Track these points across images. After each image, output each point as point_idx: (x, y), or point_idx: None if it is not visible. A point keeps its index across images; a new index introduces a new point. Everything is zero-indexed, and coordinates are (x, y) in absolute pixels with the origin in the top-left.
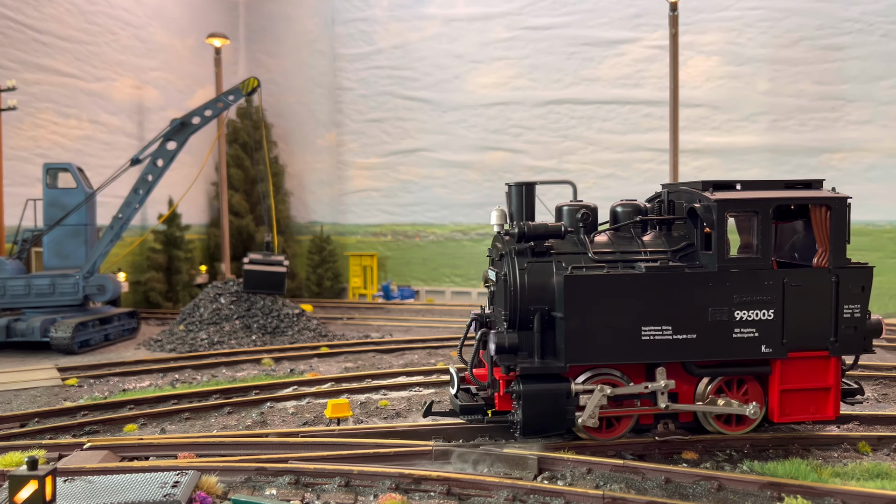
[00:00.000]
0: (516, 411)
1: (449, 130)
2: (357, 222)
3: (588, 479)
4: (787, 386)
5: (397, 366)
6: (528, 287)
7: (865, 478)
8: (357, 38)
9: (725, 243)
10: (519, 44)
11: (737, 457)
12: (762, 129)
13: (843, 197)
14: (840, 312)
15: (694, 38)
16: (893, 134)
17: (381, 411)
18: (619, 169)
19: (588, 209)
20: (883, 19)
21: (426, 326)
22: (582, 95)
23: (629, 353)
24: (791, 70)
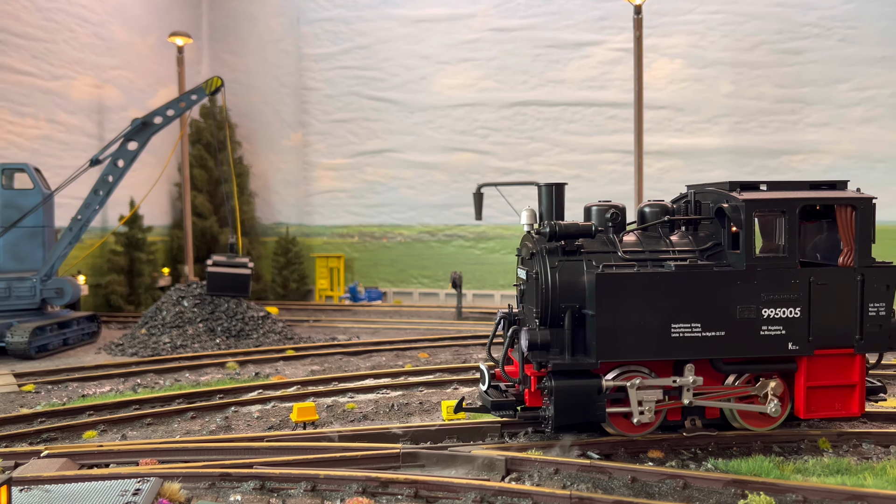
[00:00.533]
0: (548, 407)
1: (416, 131)
2: (323, 223)
3: (555, 480)
4: (813, 383)
5: (365, 368)
6: (560, 285)
7: (826, 473)
8: (323, 38)
9: (753, 243)
10: (485, 45)
11: (701, 455)
12: (724, 130)
13: (869, 197)
14: (865, 310)
15: (658, 41)
16: (850, 136)
17: (349, 414)
18: (585, 170)
19: (617, 209)
20: (840, 24)
21: (394, 328)
22: (548, 97)
23: (659, 349)
24: (752, 73)
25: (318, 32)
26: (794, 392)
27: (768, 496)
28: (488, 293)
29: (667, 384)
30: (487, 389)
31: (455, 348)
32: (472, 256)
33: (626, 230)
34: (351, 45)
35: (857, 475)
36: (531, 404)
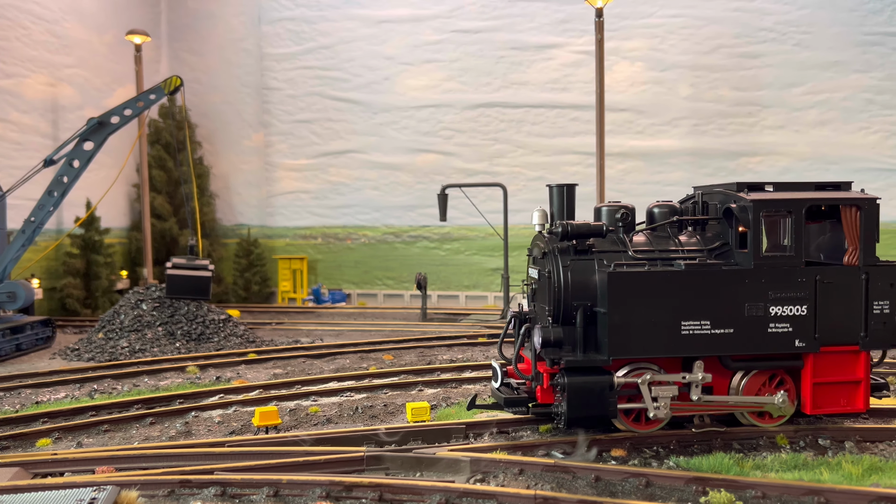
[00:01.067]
0: (560, 403)
1: (380, 132)
2: (286, 225)
3: (520, 480)
4: (819, 379)
5: (328, 371)
6: (572, 284)
7: (784, 469)
8: (285, 38)
9: (761, 242)
10: (449, 47)
11: (663, 453)
12: (684, 133)
13: (873, 198)
14: (870, 308)
15: (619, 43)
16: (805, 139)
17: (312, 418)
18: (548, 172)
19: (627, 209)
20: (794, 29)
21: (358, 330)
22: (511, 99)
23: (670, 346)
24: (711, 76)
25: (279, 32)
26: (801, 389)
27: (729, 493)
28: (453, 294)
29: (676, 380)
30: (500, 387)
31: (420, 350)
32: (437, 258)
33: (635, 230)
34: (313, 45)
35: (813, 470)
36: (543, 401)
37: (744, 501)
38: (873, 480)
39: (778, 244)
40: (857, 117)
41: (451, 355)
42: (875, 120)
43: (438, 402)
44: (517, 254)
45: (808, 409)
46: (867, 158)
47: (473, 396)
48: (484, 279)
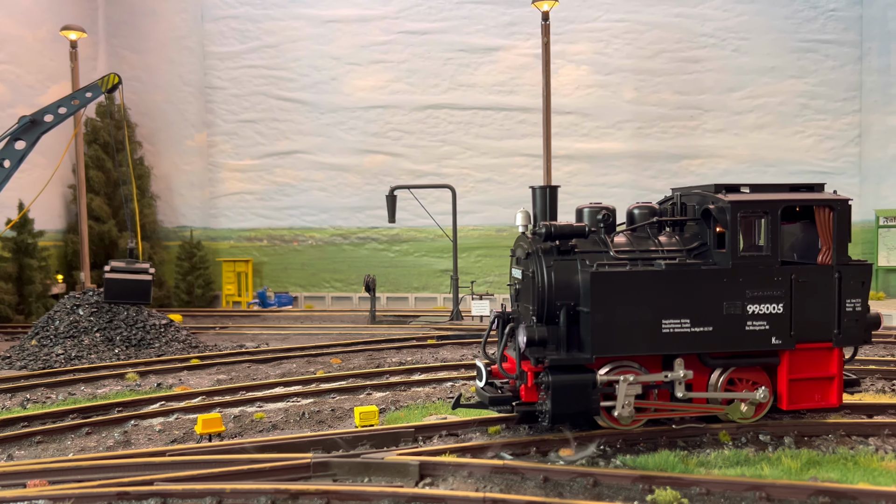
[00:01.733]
0: (545, 401)
1: (327, 132)
2: (230, 227)
3: (469, 483)
4: (794, 375)
5: (274, 376)
6: (555, 284)
7: (727, 465)
8: (229, 36)
9: (738, 242)
10: (396, 48)
11: (610, 452)
12: (628, 136)
13: (846, 199)
14: (843, 306)
15: (565, 47)
16: (744, 142)
17: (257, 424)
18: (496, 174)
19: (608, 210)
20: (733, 35)
21: (305, 334)
22: (459, 101)
23: (651, 345)
24: (654, 80)
25: (223, 30)
26: (777, 385)
27: (674, 490)
28: (402, 296)
29: (658, 379)
30: (484, 386)
31: (369, 352)
32: (386, 259)
33: (616, 231)
34: (258, 44)
35: (755, 466)
36: (527, 399)
37: (689, 498)
38: (811, 474)
39: (754, 244)
40: (792, 121)
41: (401, 358)
42: (809, 124)
43: (387, 406)
44: (466, 255)
45: (784, 404)
46: (802, 161)
47: (458, 395)
48: (433, 281)
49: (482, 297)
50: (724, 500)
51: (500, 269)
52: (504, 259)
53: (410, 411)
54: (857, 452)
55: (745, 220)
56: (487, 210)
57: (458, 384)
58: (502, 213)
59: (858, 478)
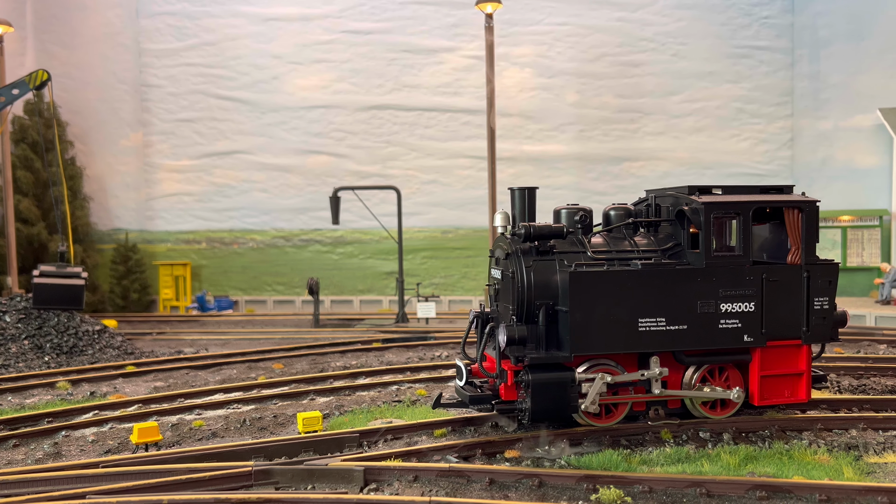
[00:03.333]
0: (524, 399)
1: (268, 132)
2: (167, 229)
3: (415, 487)
4: (765, 372)
5: (214, 382)
6: (535, 283)
7: (668, 463)
8: (165, 33)
9: (712, 242)
10: (339, 47)
11: (555, 451)
12: (571, 138)
13: (814, 200)
14: (811, 304)
15: (508, 49)
16: (684, 144)
17: (196, 432)
18: (442, 175)
19: (585, 212)
20: (672, 40)
21: (246, 339)
22: (404, 102)
23: (628, 343)
24: (596, 84)
25: (159, 27)
26: (749, 381)
27: (618, 489)
28: (347, 299)
29: (634, 378)
30: (464, 385)
31: (312, 357)
32: (330, 262)
33: (593, 232)
34: (196, 42)
35: (695, 462)
36: (507, 398)
37: (632, 497)
38: (749, 469)
39: (726, 245)
40: (729, 125)
41: (345, 362)
42: (745, 128)
43: (331, 411)
44: (412, 257)
45: (755, 400)
46: (738, 164)
47: (439, 395)
48: (378, 283)
49: (428, 299)
50: (666, 498)
51: (447, 271)
52: (449, 261)
53: (355, 416)
54: (791, 447)
55: (718, 221)
56: (433, 212)
57: (404, 387)
58: (448, 215)
59: (793, 471)
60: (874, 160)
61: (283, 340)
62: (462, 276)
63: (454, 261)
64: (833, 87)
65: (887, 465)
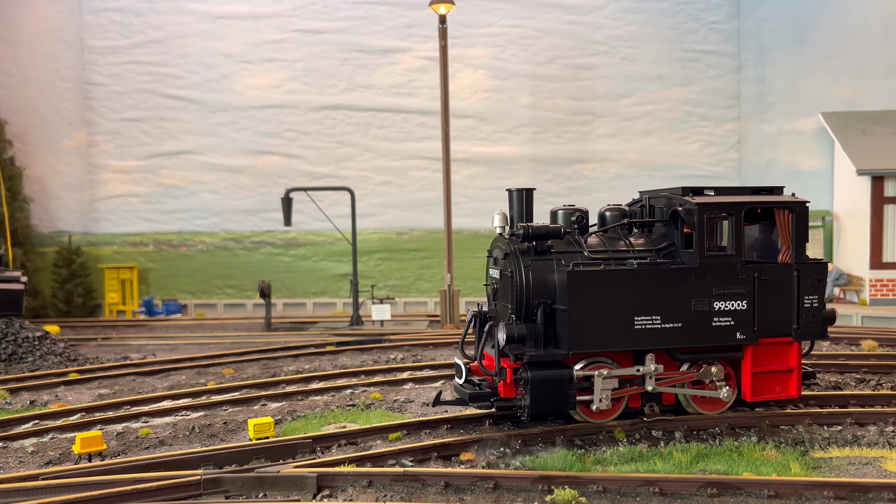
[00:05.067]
0: (524, 397)
1: (218, 132)
2: (113, 231)
3: (369, 493)
4: (757, 369)
5: (161, 389)
6: (533, 283)
7: (622, 462)
8: (110, 30)
9: (705, 242)
10: (291, 46)
11: (510, 453)
12: (524, 140)
13: (804, 201)
14: (801, 302)
15: (462, 51)
16: (634, 147)
17: (143, 441)
18: (396, 176)
19: (582, 212)
20: (623, 44)
21: (195, 343)
22: (357, 102)
23: (624, 340)
24: (549, 86)
25: (104, 23)
26: (741, 378)
27: (572, 489)
28: (300, 302)
29: (630, 373)
30: (463, 383)
31: (264, 361)
32: (282, 264)
33: (589, 232)
34: (143, 39)
35: (648, 461)
36: (505, 395)
37: (586, 497)
38: (701, 467)
39: (718, 244)
40: (678, 128)
41: (298, 366)
42: (694, 130)
43: (283, 416)
44: (366, 259)
45: (748, 396)
46: (687, 166)
47: (438, 393)
48: (332, 285)
49: (383, 301)
50: (620, 497)
51: (402, 273)
52: (404, 262)
53: (308, 421)
54: (741, 444)
55: (711, 222)
56: (388, 213)
57: (359, 391)
58: (403, 216)
59: (743, 468)
60: (817, 163)
61: (233, 345)
62: (417, 278)
63: (409, 262)
64: (777, 91)
65: (832, 459)
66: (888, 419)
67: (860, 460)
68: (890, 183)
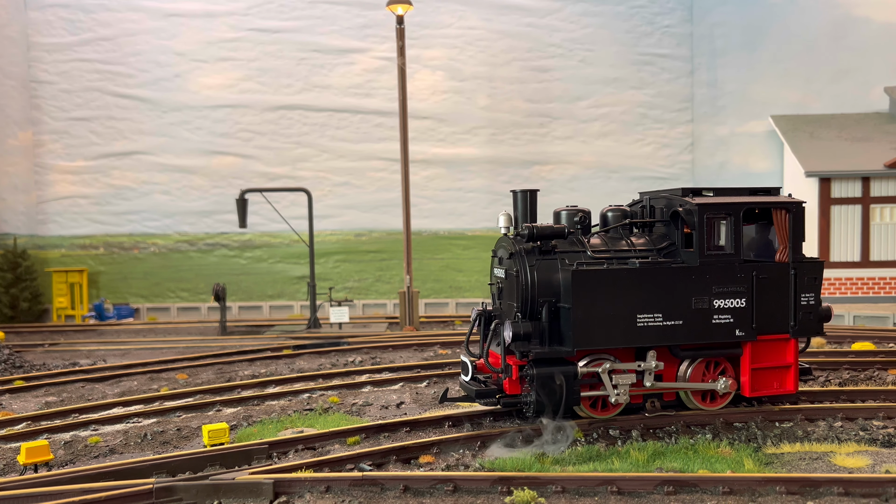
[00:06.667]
0: (529, 393)
1: (170, 132)
2: (61, 234)
3: (327, 498)
4: (756, 365)
5: (112, 395)
6: (538, 282)
7: (580, 462)
8: (57, 27)
9: (705, 242)
10: (246, 45)
11: (469, 455)
12: (482, 141)
13: (800, 202)
14: (798, 300)
15: (420, 52)
16: (590, 149)
17: (92, 450)
18: (354, 177)
19: (584, 213)
20: (579, 46)
21: (147, 348)
22: (314, 102)
23: (627, 338)
24: (506, 88)
25: (50, 20)
26: (740, 374)
27: (531, 490)
28: (256, 305)
29: (631, 368)
30: (470, 380)
31: (219, 366)
32: (237, 266)
33: (591, 232)
34: (92, 36)
35: (606, 460)
36: (511, 392)
37: (545, 497)
38: (657, 465)
39: (717, 244)
40: (633, 130)
41: (254, 370)
42: (648, 133)
43: (239, 422)
44: (324, 261)
45: (747, 391)
46: (643, 167)
47: (445, 390)
48: (289, 288)
49: (341, 303)
50: (579, 496)
51: (360, 275)
52: (363, 264)
53: (264, 426)
54: (696, 441)
55: (711, 222)
56: (346, 214)
57: (316, 395)
58: (361, 218)
59: (698, 465)
60: (767, 164)
61: (187, 349)
62: (376, 280)
63: (368, 264)
64: (729, 94)
65: (784, 455)
66: (836, 414)
67: (811, 455)
68: (836, 184)
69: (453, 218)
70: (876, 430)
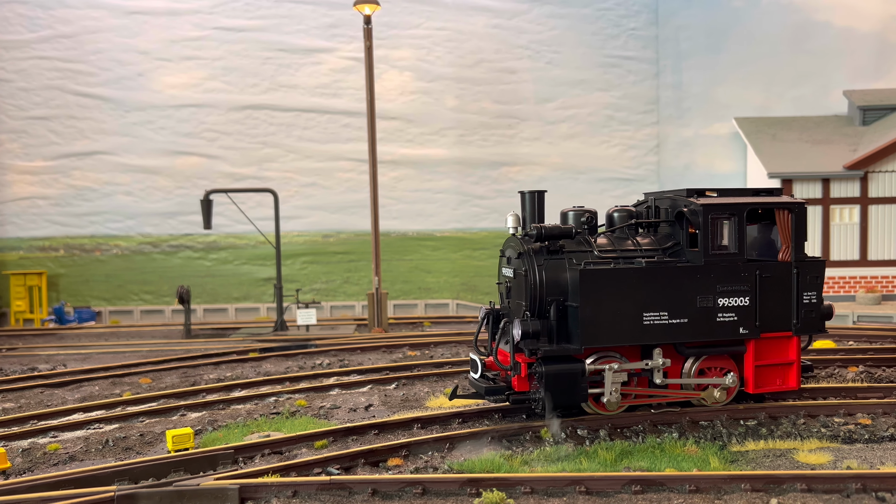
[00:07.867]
0: (538, 390)
1: (133, 132)
2: (19, 235)
3: (295, 502)
4: (759, 362)
5: (72, 401)
6: (546, 281)
7: (548, 462)
8: (15, 23)
9: (710, 241)
10: (211, 44)
11: (438, 457)
12: (451, 142)
13: (802, 202)
14: (800, 299)
15: (388, 52)
16: (558, 150)
17: (51, 457)
18: (322, 178)
19: (591, 213)
20: (546, 48)
21: (110, 352)
22: (280, 102)
23: (633, 335)
24: (474, 89)
25: (7, 16)
26: (744, 371)
27: (500, 491)
28: (221, 307)
29: (639, 367)
30: (479, 377)
31: (183, 370)
32: (202, 268)
33: (598, 232)
34: (51, 33)
35: (574, 460)
36: (519, 389)
37: (514, 498)
38: (625, 464)
39: (720, 244)
40: (600, 131)
41: (219, 374)
42: (615, 134)
43: (204, 427)
44: (291, 262)
45: (750, 388)
46: (609, 169)
47: (455, 387)
48: (255, 290)
49: (308, 305)
50: (548, 497)
51: (328, 276)
52: (331, 265)
53: (230, 431)
54: (663, 440)
55: (715, 222)
56: (313, 215)
57: (283, 398)
58: (329, 219)
59: (665, 464)
60: (731, 166)
61: (151, 353)
62: (344, 281)
63: (336, 265)
64: (694, 96)
65: (748, 452)
66: (799, 412)
67: (774, 452)
68: (798, 185)
69: (422, 219)
70: (837, 427)
